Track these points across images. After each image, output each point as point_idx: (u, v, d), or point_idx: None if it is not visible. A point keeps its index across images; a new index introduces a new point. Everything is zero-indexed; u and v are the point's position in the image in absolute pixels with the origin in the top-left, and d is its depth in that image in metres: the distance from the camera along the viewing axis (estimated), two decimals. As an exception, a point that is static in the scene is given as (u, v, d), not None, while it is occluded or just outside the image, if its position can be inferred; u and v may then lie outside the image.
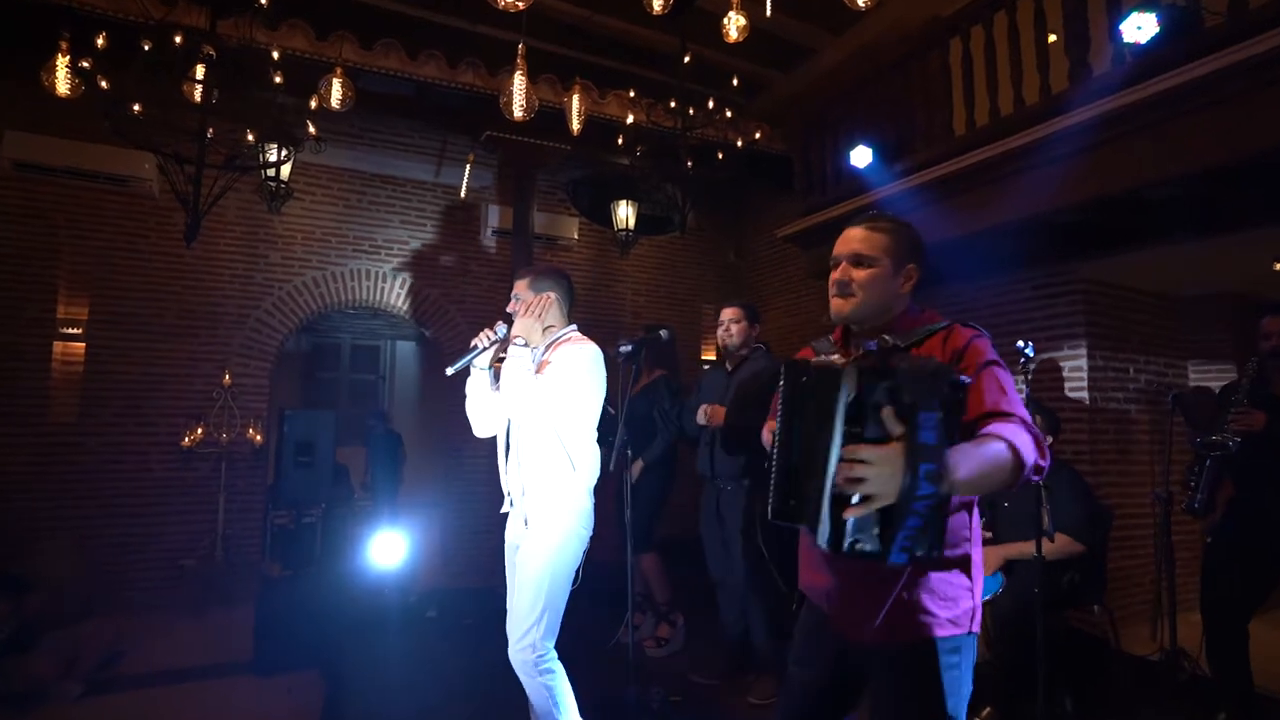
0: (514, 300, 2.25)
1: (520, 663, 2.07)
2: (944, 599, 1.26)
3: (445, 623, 4.08)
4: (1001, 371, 1.27)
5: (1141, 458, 4.14)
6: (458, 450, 5.57)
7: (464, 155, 5.42)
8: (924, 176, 3.90)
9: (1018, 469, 1.10)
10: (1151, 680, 3.01)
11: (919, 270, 1.43)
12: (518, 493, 2.18)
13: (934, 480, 0.99)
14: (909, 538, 1.01)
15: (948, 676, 1.24)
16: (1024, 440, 1.12)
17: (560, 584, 2.11)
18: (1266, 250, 3.65)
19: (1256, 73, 2.62)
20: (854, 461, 1.00)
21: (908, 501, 0.98)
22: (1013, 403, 1.22)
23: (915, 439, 0.99)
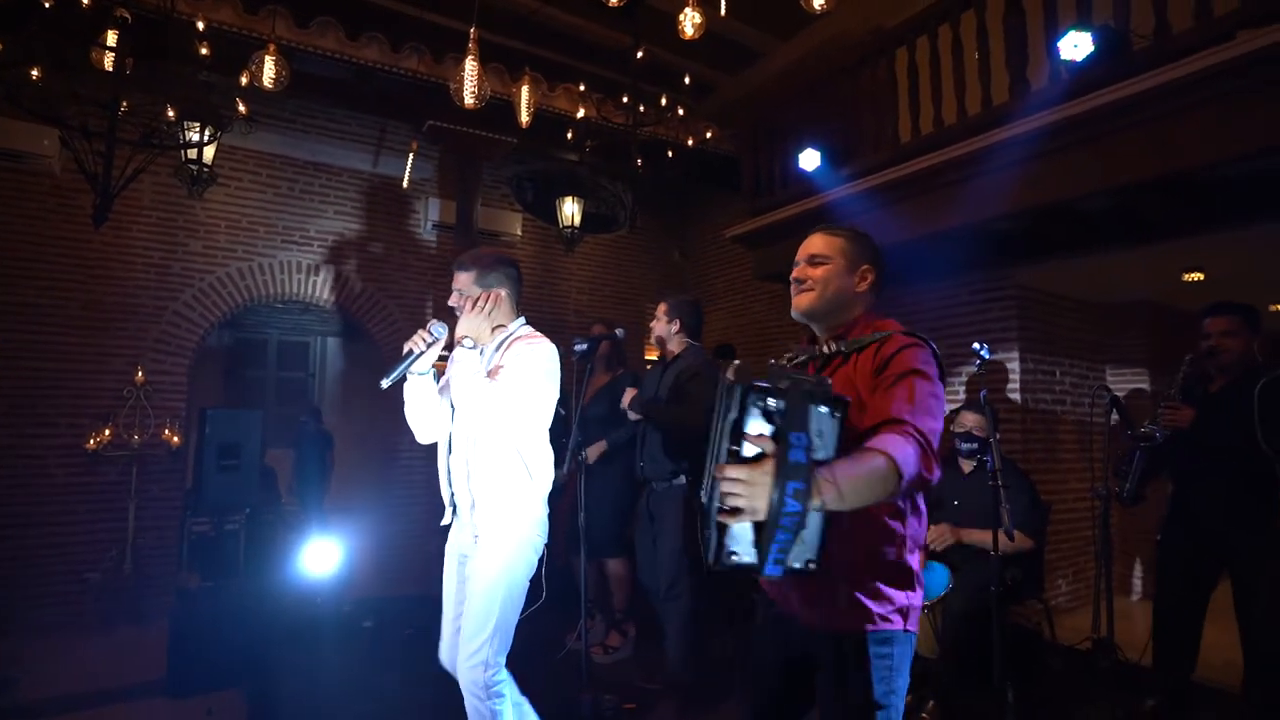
0: (456, 294, 2.05)
1: (470, 682, 1.90)
2: (878, 597, 1.33)
3: (383, 633, 3.88)
4: (920, 381, 1.28)
5: (1067, 455, 4.36)
6: (393, 452, 5.35)
7: (404, 145, 5.20)
8: (871, 181, 3.99)
9: (895, 482, 1.13)
10: (1084, 670, 3.16)
11: (875, 273, 1.50)
12: (465, 504, 2.00)
13: (800, 498, 1.04)
14: (781, 550, 1.07)
15: (877, 665, 1.32)
16: (906, 453, 1.15)
17: (515, 598, 1.96)
18: (1177, 262, 3.92)
19: (1177, 95, 2.78)
20: (727, 479, 1.06)
21: (775, 517, 1.04)
22: (917, 412, 1.23)
23: (785, 458, 1.04)
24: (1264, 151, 2.64)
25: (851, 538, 1.30)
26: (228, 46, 3.55)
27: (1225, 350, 2.66)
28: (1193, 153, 2.80)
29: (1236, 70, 2.61)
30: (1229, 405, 2.57)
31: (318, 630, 3.70)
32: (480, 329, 1.98)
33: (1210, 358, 2.70)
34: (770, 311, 6.05)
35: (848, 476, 1.10)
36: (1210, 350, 2.69)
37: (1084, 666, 3.17)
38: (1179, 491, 2.77)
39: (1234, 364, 2.67)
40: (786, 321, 5.85)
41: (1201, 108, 2.75)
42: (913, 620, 1.38)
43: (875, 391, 1.31)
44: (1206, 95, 2.72)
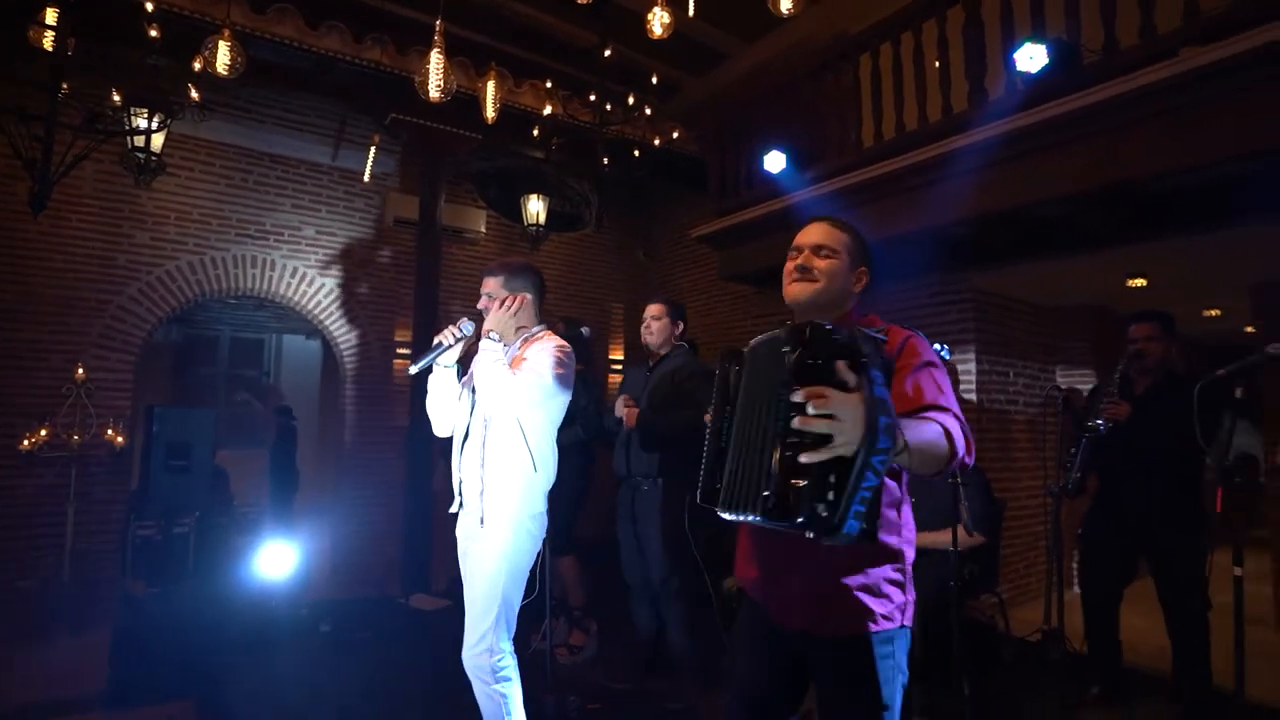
0: (485, 298, 2.18)
1: (476, 667, 2.00)
2: (878, 595, 1.30)
3: (341, 637, 3.78)
4: (939, 372, 1.31)
5: (1019, 453, 4.51)
6: (349, 452, 5.22)
7: (365, 138, 5.09)
8: (835, 184, 4.05)
9: (951, 456, 1.14)
10: (1034, 660, 3.27)
11: (869, 276, 1.49)
12: (474, 491, 2.08)
13: (890, 434, 0.96)
14: (864, 500, 0.95)
15: (882, 666, 1.29)
16: (959, 432, 1.17)
17: (516, 583, 2.06)
18: (1122, 268, 4.08)
19: (1124, 109, 2.89)
20: (819, 399, 0.95)
21: (868, 454, 0.94)
22: (949, 399, 1.26)
23: (872, 392, 0.96)
24: (1204, 165, 2.76)
25: None
26: (180, 30, 3.42)
27: (1149, 354, 2.87)
28: (1138, 164, 2.92)
29: (1179, 86, 2.72)
30: (1154, 406, 2.74)
31: (273, 635, 3.59)
32: (506, 326, 2.10)
33: (1136, 360, 2.89)
34: (734, 312, 6.10)
35: (918, 431, 1.07)
36: (1136, 354, 2.88)
37: (1035, 657, 3.28)
38: (1105, 488, 2.91)
39: (1156, 367, 2.87)
40: (751, 321, 5.91)
41: (1146, 121, 2.87)
42: (910, 614, 1.35)
43: (894, 378, 1.25)
44: (1151, 109, 2.83)
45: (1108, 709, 2.77)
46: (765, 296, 5.69)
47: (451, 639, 3.61)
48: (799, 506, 0.97)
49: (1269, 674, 3.16)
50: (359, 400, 5.27)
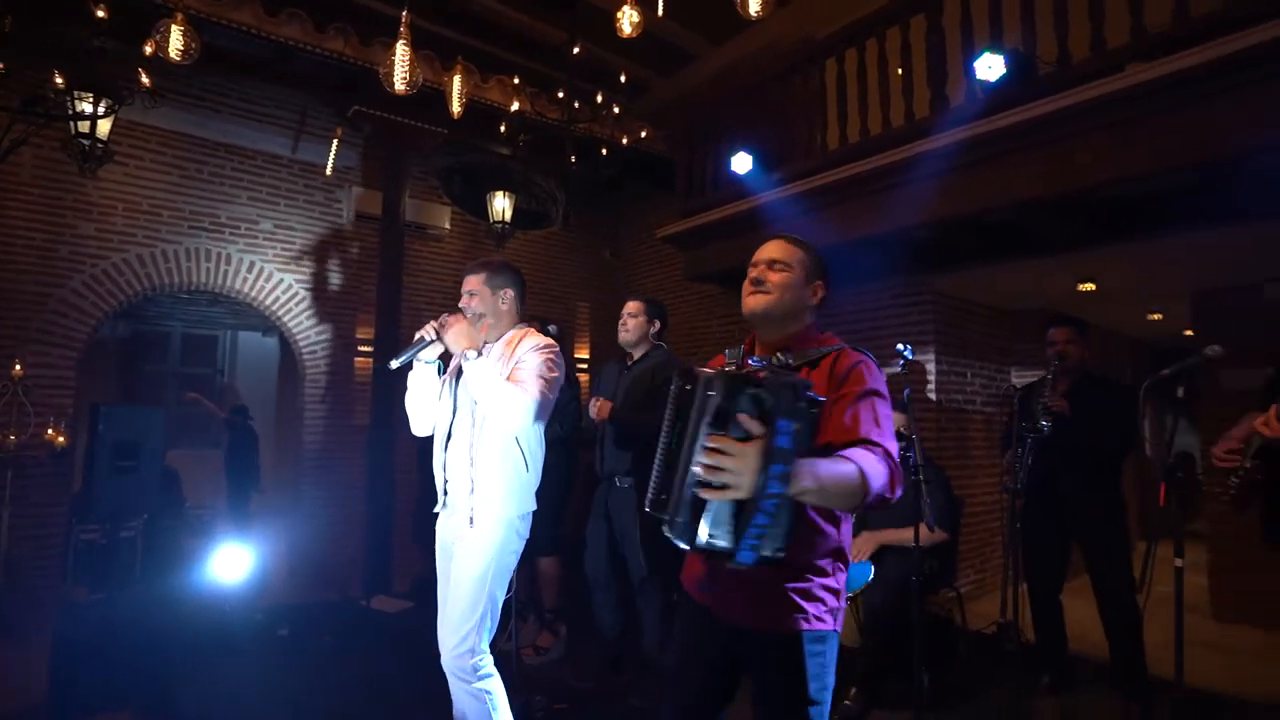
0: (466, 295, 2.16)
1: (457, 669, 1.99)
2: (813, 598, 1.37)
3: (300, 641, 3.68)
4: (881, 402, 1.35)
5: (976, 451, 4.64)
6: (307, 453, 5.08)
7: (326, 130, 4.97)
8: (800, 186, 4.10)
9: (862, 493, 1.17)
10: (990, 652, 3.37)
11: (824, 289, 1.55)
12: (463, 490, 2.05)
13: (783, 481, 1.07)
14: (758, 535, 1.10)
15: (812, 663, 1.36)
16: (877, 470, 1.20)
17: (501, 582, 2.06)
18: (1073, 273, 4.23)
19: (1076, 119, 2.99)
20: (716, 452, 1.08)
21: (758, 498, 1.07)
22: (884, 434, 1.30)
23: (771, 441, 1.07)
24: (1146, 175, 2.88)
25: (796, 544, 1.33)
26: (129, 11, 3.28)
27: (1069, 355, 3.07)
28: (1088, 173, 3.02)
29: (1126, 99, 2.84)
30: (1075, 404, 2.92)
31: (228, 641, 3.47)
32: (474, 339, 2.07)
33: (1058, 362, 3.06)
34: (699, 312, 6.13)
35: (825, 473, 1.14)
36: (1058, 355, 3.07)
37: (990, 649, 3.38)
38: (1038, 484, 3.03)
39: (1075, 367, 3.07)
40: (715, 322, 5.95)
41: (1096, 132, 2.97)
42: (840, 621, 1.43)
43: (834, 405, 1.34)
44: (1100, 121, 2.94)
45: (1057, 697, 2.87)
46: (731, 297, 5.74)
47: (415, 640, 3.58)
48: (701, 535, 1.14)
49: (1205, 660, 3.34)
50: (318, 399, 5.14)
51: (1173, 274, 4.20)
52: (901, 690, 2.90)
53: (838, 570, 1.42)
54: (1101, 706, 2.89)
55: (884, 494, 1.21)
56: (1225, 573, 4.22)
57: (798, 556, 1.35)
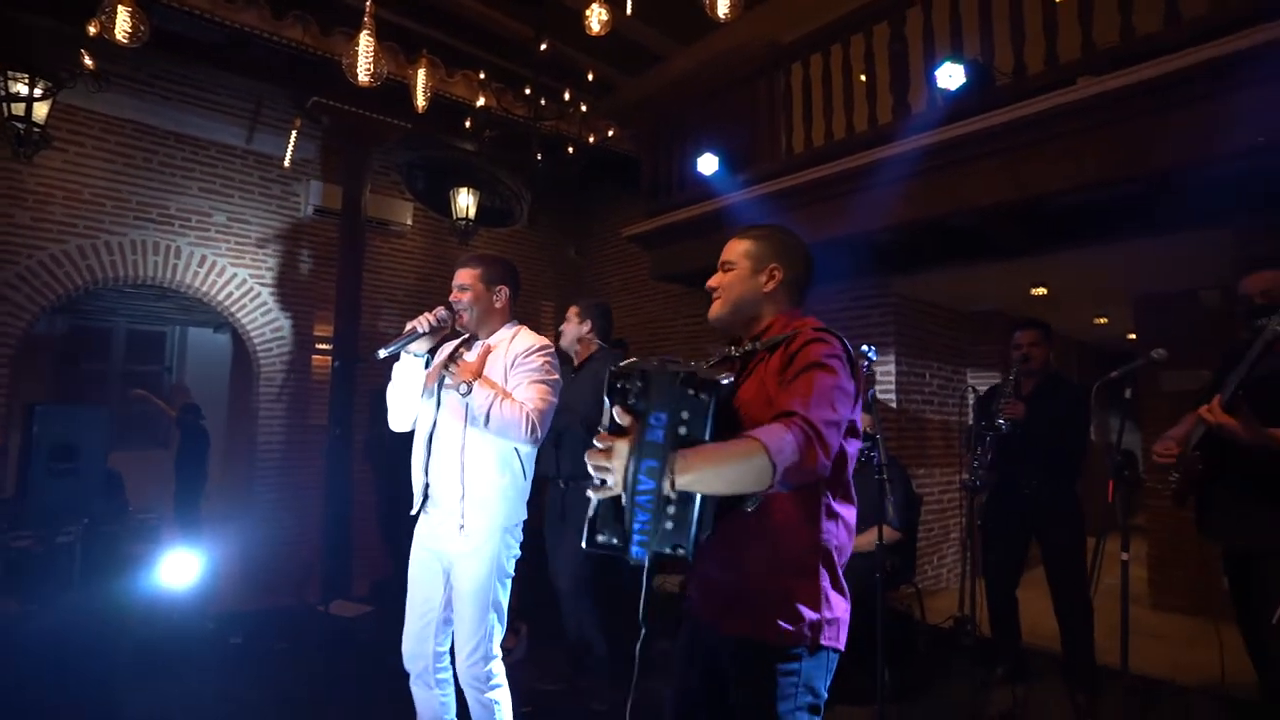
0: (458, 289, 2.10)
1: (471, 677, 1.99)
2: (789, 612, 1.26)
3: (255, 648, 3.56)
4: (821, 374, 1.23)
5: (934, 450, 4.76)
6: (261, 454, 4.92)
7: (283, 121, 4.82)
8: (766, 188, 4.15)
9: (768, 470, 1.06)
10: (947, 646, 3.47)
11: (784, 270, 1.47)
12: (452, 496, 2.00)
13: (654, 475, 1.04)
14: (642, 531, 1.08)
15: (782, 681, 1.26)
16: (782, 440, 1.09)
17: (504, 588, 2.05)
18: (1026, 278, 4.39)
19: (1030, 129, 3.10)
20: (591, 450, 1.08)
21: (632, 495, 1.05)
22: (811, 404, 1.17)
23: (642, 435, 1.06)
24: (1097, 184, 3.00)
25: (761, 543, 1.28)
26: (72, -8, 3.12)
27: (1033, 358, 3.16)
28: (1041, 181, 3.14)
29: (1077, 111, 2.95)
30: (1039, 405, 3.01)
31: (175, 651, 3.34)
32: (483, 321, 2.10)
33: (1023, 364, 3.15)
34: (665, 311, 6.15)
35: (707, 458, 1.06)
36: (1023, 358, 3.16)
37: (948, 643, 3.48)
38: (1000, 481, 3.14)
39: (1039, 370, 3.17)
40: (681, 322, 5.98)
41: (1049, 142, 3.09)
42: (829, 635, 1.28)
43: (782, 387, 1.26)
44: (1053, 131, 3.06)
45: (1011, 688, 2.97)
46: (696, 296, 5.77)
47: (375, 645, 3.50)
48: (593, 535, 1.15)
49: (1146, 648, 3.50)
50: (273, 398, 4.98)
51: (1117, 280, 4.39)
52: (864, 685, 2.96)
53: (822, 576, 1.29)
54: (1053, 696, 3.00)
55: (797, 464, 1.09)
56: (1163, 565, 4.43)
57: (765, 562, 1.27)
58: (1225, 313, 3.83)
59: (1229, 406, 1.99)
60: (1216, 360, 2.32)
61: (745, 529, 1.24)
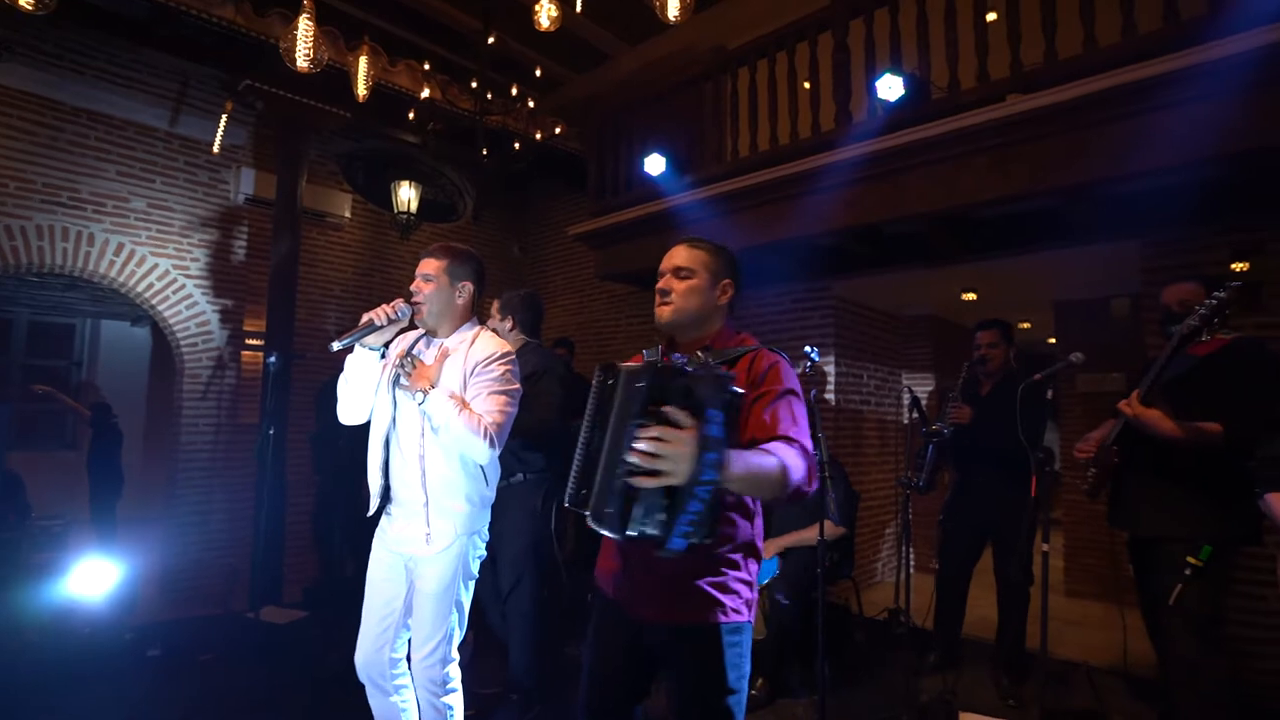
0: (421, 279, 2.02)
1: (427, 680, 1.95)
2: (728, 591, 1.41)
3: (176, 660, 3.37)
4: (797, 402, 1.41)
5: (869, 449, 4.94)
6: (183, 456, 4.66)
7: (210, 103, 4.58)
8: (712, 190, 4.20)
9: (783, 485, 1.22)
10: (881, 636, 3.60)
11: (735, 287, 1.59)
12: (415, 502, 1.95)
13: (715, 468, 1.09)
14: (690, 523, 1.12)
15: (730, 654, 1.40)
16: (796, 464, 1.25)
17: (466, 592, 2.02)
18: (957, 283, 4.60)
19: (962, 142, 3.25)
20: (651, 439, 1.09)
21: (693, 484, 1.09)
22: (801, 431, 1.36)
23: (703, 430, 1.10)
24: (1022, 195, 3.18)
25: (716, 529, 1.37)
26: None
27: (992, 359, 3.27)
28: (972, 191, 3.30)
29: (1005, 127, 3.11)
30: (996, 405, 3.11)
31: (87, 665, 3.12)
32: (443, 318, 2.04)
33: (981, 364, 3.25)
34: (609, 311, 6.15)
35: (753, 463, 1.18)
36: (981, 359, 3.27)
37: (883, 634, 3.62)
38: (961, 478, 3.28)
39: (998, 370, 3.27)
40: (624, 321, 5.99)
41: (979, 155, 3.25)
42: (753, 612, 1.48)
43: (754, 403, 1.38)
44: (983, 145, 3.21)
45: (943, 675, 3.12)
46: (641, 296, 5.79)
47: (310, 651, 3.37)
48: (633, 524, 1.16)
49: (1061, 633, 3.73)
50: (198, 396, 4.73)
51: (1039, 287, 4.66)
52: (804, 676, 3.05)
53: (750, 563, 1.46)
54: (980, 681, 3.16)
55: (802, 486, 1.26)
56: (1075, 554, 4.74)
57: (712, 550, 1.39)
58: (1134, 320, 4.12)
59: (1145, 402, 2.15)
60: (1126, 363, 2.51)
61: None
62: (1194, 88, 2.63)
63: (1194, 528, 2.18)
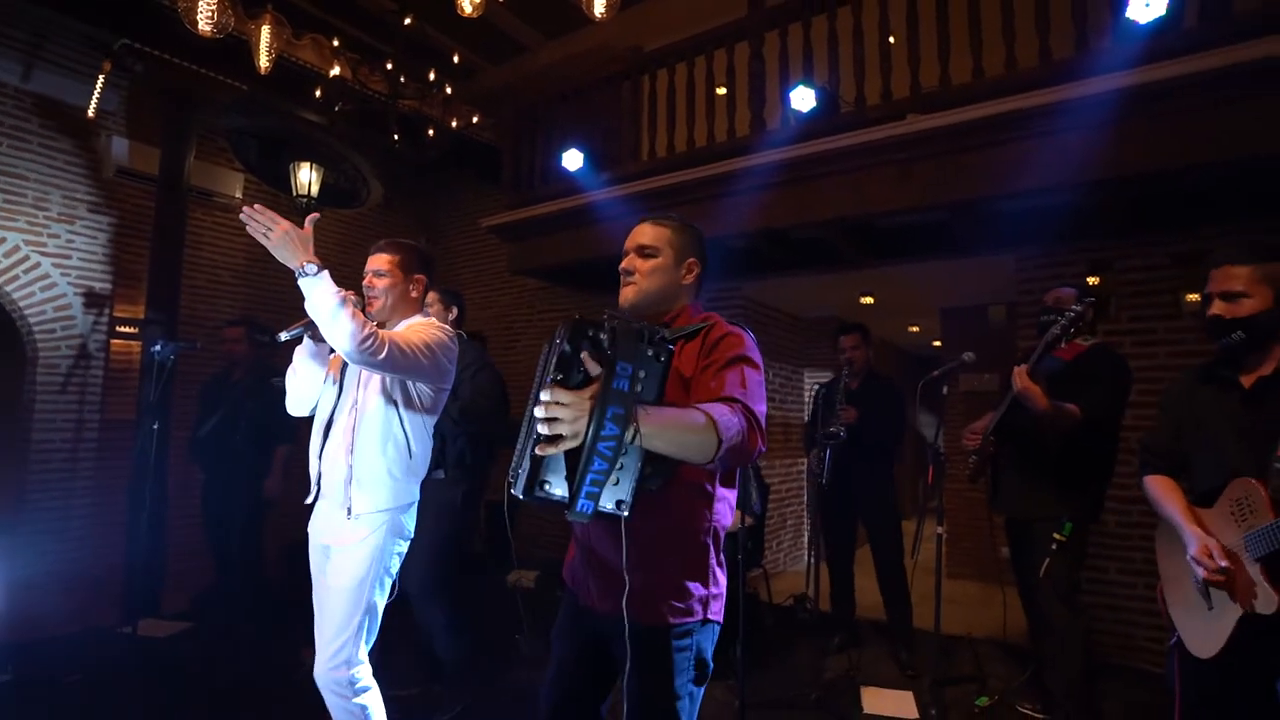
0: (372, 275, 1.99)
1: (332, 681, 1.84)
2: (679, 591, 1.33)
3: (31, 686, 3.00)
4: (750, 369, 1.31)
5: (774, 444, 5.16)
6: (44, 456, 4.17)
7: (76, 60, 4.10)
8: (629, 188, 4.25)
9: (711, 443, 1.12)
10: (788, 622, 3.79)
11: (700, 265, 1.53)
12: (339, 479, 1.89)
13: (619, 423, 1.03)
14: (594, 482, 1.06)
15: (678, 657, 1.32)
16: (729, 420, 1.15)
17: (381, 590, 1.92)
18: (856, 287, 4.90)
19: (867, 155, 3.48)
20: (549, 404, 1.04)
21: (594, 442, 1.03)
22: (749, 396, 1.25)
23: (609, 384, 1.04)
24: (920, 207, 3.44)
25: (658, 524, 1.30)
26: None
27: (855, 360, 3.61)
28: (877, 201, 3.53)
29: (905, 143, 3.36)
30: (864, 400, 3.45)
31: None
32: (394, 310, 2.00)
33: (848, 365, 3.59)
34: (518, 305, 6.08)
35: (666, 417, 1.09)
36: (848, 361, 3.60)
37: (789, 619, 3.80)
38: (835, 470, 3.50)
39: (861, 369, 3.62)
40: (537, 316, 5.94)
41: (884, 167, 3.48)
42: (715, 609, 1.37)
43: (703, 372, 1.31)
44: (886, 158, 3.45)
45: (847, 654, 3.33)
46: (553, 292, 5.76)
47: (195, 665, 3.10)
48: (537, 488, 1.12)
49: (946, 611, 4.06)
50: (56, 389, 4.23)
51: (927, 293, 5.05)
52: (719, 661, 3.15)
53: (711, 554, 1.36)
54: (882, 655, 3.41)
55: (740, 445, 1.15)
56: (955, 538, 5.18)
57: (660, 543, 1.31)
58: (1009, 325, 4.56)
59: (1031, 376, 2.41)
60: (1000, 366, 2.81)
61: (644, 511, 1.23)
62: (1063, 120, 2.95)
63: (1058, 509, 2.47)
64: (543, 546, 5.46)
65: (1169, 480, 1.73)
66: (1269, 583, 1.42)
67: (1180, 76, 2.68)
